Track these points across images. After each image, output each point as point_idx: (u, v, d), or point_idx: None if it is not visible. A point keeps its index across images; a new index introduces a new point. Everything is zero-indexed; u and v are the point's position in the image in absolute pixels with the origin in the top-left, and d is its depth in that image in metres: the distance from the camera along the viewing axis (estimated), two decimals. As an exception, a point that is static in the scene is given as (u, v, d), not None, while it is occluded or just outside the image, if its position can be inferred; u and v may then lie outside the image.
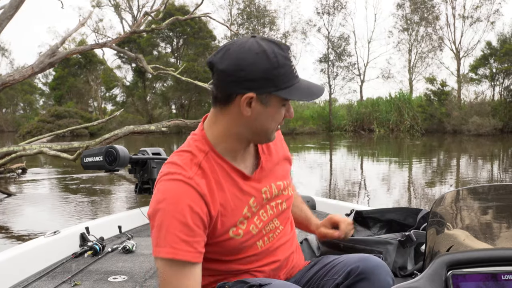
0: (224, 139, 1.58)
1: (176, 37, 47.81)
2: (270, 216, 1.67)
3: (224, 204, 1.54)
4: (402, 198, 9.93)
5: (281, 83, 1.49)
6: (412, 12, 43.32)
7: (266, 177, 1.68)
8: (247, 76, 1.47)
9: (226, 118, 1.55)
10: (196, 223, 1.46)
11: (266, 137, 1.59)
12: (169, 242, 1.44)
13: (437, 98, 37.79)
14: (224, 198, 1.55)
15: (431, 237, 1.65)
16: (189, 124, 11.81)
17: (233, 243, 1.58)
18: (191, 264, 1.46)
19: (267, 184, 1.67)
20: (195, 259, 1.47)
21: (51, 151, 9.48)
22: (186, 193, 1.47)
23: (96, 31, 46.82)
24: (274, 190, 1.68)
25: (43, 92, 57.54)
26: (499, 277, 1.19)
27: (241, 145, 1.60)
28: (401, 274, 2.50)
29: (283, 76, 1.48)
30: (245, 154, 1.65)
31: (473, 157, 19.32)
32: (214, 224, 1.53)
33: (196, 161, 1.55)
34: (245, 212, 1.59)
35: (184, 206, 1.45)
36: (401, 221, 2.84)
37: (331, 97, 43.53)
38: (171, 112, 47.26)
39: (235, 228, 1.57)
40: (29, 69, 10.78)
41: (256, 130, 1.56)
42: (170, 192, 1.47)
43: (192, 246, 1.45)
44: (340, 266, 1.62)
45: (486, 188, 2.10)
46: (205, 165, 1.55)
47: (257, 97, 1.50)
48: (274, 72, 1.47)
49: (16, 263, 3.10)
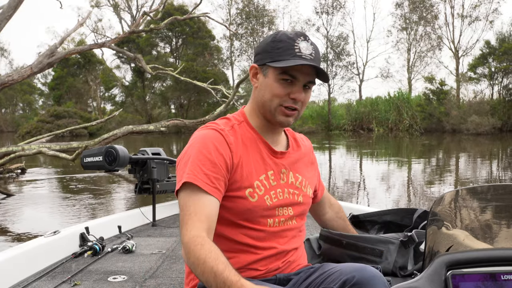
0: (253, 113, 1.78)
1: (175, 37, 47.80)
2: (286, 200, 1.76)
3: (246, 162, 1.69)
4: (401, 197, 9.94)
5: (277, 55, 1.65)
6: (411, 12, 43.35)
7: (289, 164, 1.81)
8: (256, 50, 1.74)
9: (252, 93, 1.78)
10: (219, 161, 1.62)
11: (270, 112, 1.70)
12: (192, 170, 1.59)
13: (436, 97, 37.80)
14: (247, 157, 1.70)
15: (430, 237, 1.65)
16: (188, 124, 11.80)
17: (247, 204, 1.67)
18: (209, 195, 1.57)
19: (288, 169, 1.80)
20: (213, 192, 1.58)
21: (50, 151, 9.48)
22: (214, 136, 1.66)
23: (95, 31, 46.85)
24: (291, 178, 1.80)
25: (42, 92, 57.55)
26: (499, 277, 1.19)
27: (265, 121, 1.75)
28: (401, 274, 2.51)
29: (279, 50, 1.65)
30: (276, 136, 1.81)
31: (472, 156, 19.34)
32: (234, 173, 1.66)
33: (231, 123, 1.75)
34: (262, 178, 1.71)
35: (210, 145, 1.63)
36: (398, 222, 2.85)
37: (330, 97, 43.54)
38: (170, 112, 47.25)
39: (252, 190, 1.68)
40: (28, 69, 10.77)
41: (261, 102, 1.72)
42: (201, 136, 1.67)
43: (211, 180, 1.59)
44: (336, 275, 1.61)
45: (485, 188, 2.10)
46: (238, 128, 1.74)
47: (259, 67, 1.71)
48: (272, 45, 1.67)
49: (16, 263, 3.10)
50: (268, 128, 1.77)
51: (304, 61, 1.62)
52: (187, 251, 1.51)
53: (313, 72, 1.68)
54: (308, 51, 1.65)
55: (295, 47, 1.64)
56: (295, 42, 1.64)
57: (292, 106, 1.68)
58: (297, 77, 1.66)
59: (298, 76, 1.66)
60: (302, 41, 1.65)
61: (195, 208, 1.54)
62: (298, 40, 1.65)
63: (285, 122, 1.71)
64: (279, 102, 1.67)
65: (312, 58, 1.65)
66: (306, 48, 1.65)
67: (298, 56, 1.63)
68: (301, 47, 1.64)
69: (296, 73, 1.65)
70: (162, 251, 3.71)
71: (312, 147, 2.02)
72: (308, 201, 1.87)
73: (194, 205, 1.54)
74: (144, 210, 4.51)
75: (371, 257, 2.47)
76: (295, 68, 1.64)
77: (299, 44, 1.64)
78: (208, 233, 1.53)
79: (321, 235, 2.71)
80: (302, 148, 1.92)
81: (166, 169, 4.57)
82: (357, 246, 2.50)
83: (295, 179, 1.82)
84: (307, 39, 1.67)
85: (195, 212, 1.53)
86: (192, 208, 1.54)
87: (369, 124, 39.91)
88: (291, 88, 1.66)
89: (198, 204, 1.55)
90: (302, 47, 1.64)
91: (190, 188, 1.57)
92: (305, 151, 1.93)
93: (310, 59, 1.64)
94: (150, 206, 4.52)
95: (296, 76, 1.65)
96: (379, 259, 2.52)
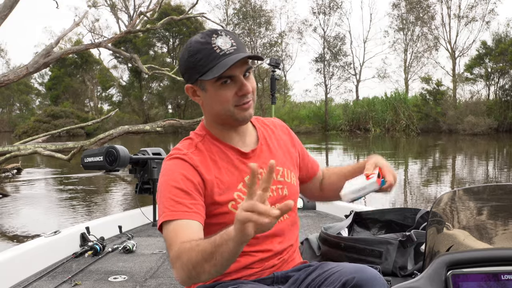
0: (212, 124, 1.73)
1: (172, 37, 47.75)
2: (271, 199, 1.68)
3: (219, 178, 1.66)
4: (400, 197, 9.95)
5: (202, 67, 1.58)
6: (408, 12, 43.34)
7: (264, 160, 1.74)
8: (181, 70, 1.68)
9: (203, 109, 1.74)
10: (189, 188, 1.59)
11: (230, 118, 1.65)
12: (166, 206, 1.57)
13: (432, 98, 37.83)
14: (219, 173, 1.67)
15: (431, 237, 1.66)
16: (184, 124, 11.79)
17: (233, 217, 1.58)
18: (188, 220, 1.55)
19: (264, 166, 1.70)
20: (193, 217, 1.56)
21: (46, 151, 9.46)
22: (180, 165, 1.64)
23: (92, 31, 46.67)
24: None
25: (39, 92, 57.34)
26: (499, 277, 1.20)
27: (227, 127, 1.71)
28: (401, 274, 2.52)
29: (202, 61, 1.58)
30: (243, 136, 1.76)
31: (469, 156, 19.38)
32: (211, 193, 1.64)
33: (193, 143, 1.72)
34: (240, 187, 1.67)
35: (177, 175, 1.61)
36: (400, 221, 2.86)
37: (327, 97, 43.56)
38: (168, 112, 47.19)
39: (234, 202, 1.65)
40: (23, 69, 10.74)
41: (216, 114, 1.68)
42: (167, 168, 1.65)
43: (187, 206, 1.57)
44: (336, 276, 1.59)
45: (485, 188, 2.11)
46: (202, 146, 1.71)
47: (194, 86, 1.66)
48: (192, 60, 1.60)
49: (17, 263, 3.11)
50: (232, 132, 1.73)
51: (231, 58, 1.55)
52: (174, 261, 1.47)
53: (246, 60, 1.59)
54: (227, 44, 1.57)
55: (214, 48, 1.56)
56: (211, 44, 1.56)
57: (245, 101, 1.63)
58: (234, 74, 1.58)
59: (235, 72, 1.58)
60: (217, 38, 1.57)
61: (176, 234, 1.52)
62: (212, 40, 1.57)
63: (248, 116, 1.66)
64: (232, 105, 1.62)
65: (236, 49, 1.58)
66: (224, 43, 1.57)
67: (222, 56, 1.56)
68: (219, 45, 1.57)
69: (231, 71, 1.57)
70: (163, 251, 3.71)
71: (287, 127, 1.95)
72: (295, 190, 1.83)
73: (175, 232, 1.53)
74: (145, 210, 4.52)
75: (371, 258, 2.48)
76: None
77: (217, 43, 1.57)
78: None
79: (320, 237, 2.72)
80: (275, 132, 1.87)
81: (167, 169, 4.57)
82: (356, 248, 2.51)
83: (275, 173, 1.75)
84: (220, 33, 1.59)
85: (176, 236, 1.52)
86: (173, 234, 1.53)
87: (366, 124, 39.90)
88: (234, 87, 1.60)
89: (178, 230, 1.53)
90: (221, 44, 1.57)
91: (169, 223, 1.55)
92: (279, 134, 1.87)
93: (234, 50, 1.57)
94: (151, 206, 4.53)
95: (232, 74, 1.58)
96: (379, 260, 2.54)
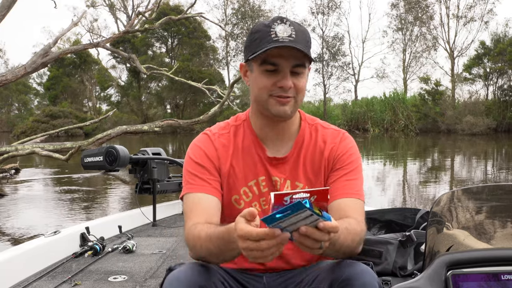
0: (253, 113, 1.72)
1: (170, 37, 47.72)
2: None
3: (235, 166, 1.68)
4: (400, 197, 9.96)
5: (254, 47, 1.57)
6: (407, 12, 43.38)
7: (285, 171, 1.69)
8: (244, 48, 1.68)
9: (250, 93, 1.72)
10: (209, 165, 1.65)
11: (264, 107, 1.62)
12: (187, 179, 1.65)
13: (431, 98, 37.88)
14: (237, 162, 1.68)
15: (431, 237, 1.66)
16: (182, 124, 11.79)
17: (233, 210, 1.65)
18: (204, 194, 1.61)
19: (282, 177, 1.68)
20: (210, 192, 1.62)
21: (43, 152, 9.45)
22: (204, 142, 1.70)
23: (91, 31, 46.57)
24: (287, 187, 1.68)
25: (37, 92, 57.26)
26: (499, 277, 1.21)
27: (265, 120, 1.67)
28: (401, 274, 2.52)
29: (257, 41, 1.56)
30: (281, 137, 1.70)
31: (467, 156, 19.39)
32: (223, 178, 1.67)
33: (228, 126, 1.74)
34: (252, 184, 1.68)
35: (199, 151, 1.68)
36: (400, 221, 2.86)
37: (325, 97, 43.59)
38: (166, 112, 47.17)
39: (238, 197, 1.67)
40: (21, 69, 10.71)
41: (254, 99, 1.66)
42: (194, 141, 1.72)
43: (206, 181, 1.63)
44: (326, 273, 1.55)
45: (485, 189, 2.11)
46: (234, 130, 1.73)
47: (246, 64, 1.66)
48: (250, 38, 1.60)
49: (16, 263, 3.11)
50: (270, 128, 1.68)
51: (277, 44, 1.51)
52: (187, 239, 1.55)
53: (298, 54, 1.53)
54: (285, 33, 1.53)
55: (271, 32, 1.53)
56: (270, 28, 1.54)
57: (282, 95, 1.57)
58: (279, 63, 1.54)
59: (280, 63, 1.54)
60: (279, 24, 1.54)
61: (191, 207, 1.60)
62: (274, 25, 1.54)
63: (282, 112, 1.59)
64: (267, 94, 1.58)
65: (292, 40, 1.52)
66: (283, 31, 1.53)
67: (274, 41, 1.52)
68: (277, 31, 1.53)
69: (277, 60, 1.54)
70: (163, 251, 3.72)
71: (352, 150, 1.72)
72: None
73: (191, 206, 1.61)
74: (145, 210, 4.52)
75: (371, 258, 2.48)
76: (274, 54, 1.53)
77: (275, 29, 1.53)
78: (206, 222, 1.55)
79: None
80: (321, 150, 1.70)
81: (167, 169, 4.58)
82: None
83: (292, 188, 1.66)
84: (285, 22, 1.55)
85: (191, 210, 1.59)
86: (189, 208, 1.61)
87: (364, 124, 39.94)
88: (276, 76, 1.56)
89: (194, 203, 1.61)
90: (279, 30, 1.53)
91: (188, 195, 1.64)
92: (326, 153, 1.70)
93: (290, 41, 1.52)
94: (151, 206, 4.53)
95: (277, 63, 1.54)
96: (379, 260, 2.54)
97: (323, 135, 1.72)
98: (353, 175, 1.66)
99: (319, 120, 1.78)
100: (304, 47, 1.53)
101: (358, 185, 1.66)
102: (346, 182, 1.64)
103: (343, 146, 1.70)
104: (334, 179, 1.66)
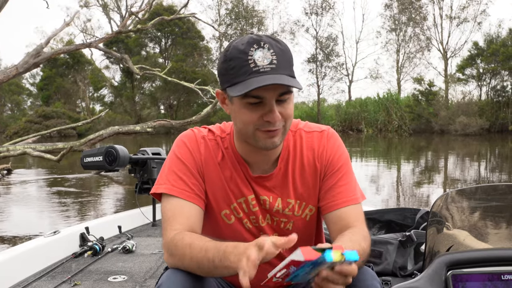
0: (236, 138, 1.57)
1: (164, 37, 47.69)
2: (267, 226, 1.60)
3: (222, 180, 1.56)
4: (393, 197, 9.99)
5: (232, 78, 1.39)
6: (400, 13, 43.57)
7: (275, 188, 1.59)
8: (217, 72, 1.50)
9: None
10: (193, 167, 1.54)
11: (250, 139, 1.47)
12: (168, 178, 1.53)
13: (424, 98, 38.04)
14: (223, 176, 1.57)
15: (431, 237, 1.67)
16: (175, 124, 11.75)
17: (222, 225, 1.59)
18: (189, 204, 1.50)
19: (271, 195, 1.58)
20: (193, 200, 1.51)
21: (35, 152, 9.40)
22: (191, 139, 1.58)
23: (84, 31, 46.52)
24: (278, 205, 1.59)
25: (30, 93, 57.06)
26: (499, 277, 1.22)
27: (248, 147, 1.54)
28: (401, 274, 2.53)
29: (233, 71, 1.38)
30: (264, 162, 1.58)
31: (461, 157, 19.46)
32: (208, 187, 1.56)
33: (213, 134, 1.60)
34: (241, 201, 1.57)
35: (186, 150, 1.56)
36: (400, 221, 2.88)
37: (319, 97, 43.67)
38: (160, 113, 47.11)
39: (228, 212, 1.57)
40: (13, 69, 10.66)
41: (237, 130, 1.52)
42: (181, 137, 1.59)
43: (189, 186, 1.51)
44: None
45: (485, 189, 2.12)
46: (220, 142, 1.59)
47: (223, 92, 1.48)
48: (225, 66, 1.41)
49: (16, 263, 3.10)
50: (255, 153, 1.55)
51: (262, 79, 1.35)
52: (170, 251, 1.42)
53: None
54: (265, 60, 1.36)
55: (249, 61, 1.36)
56: (247, 55, 1.36)
57: (271, 129, 1.42)
58: (264, 96, 1.38)
59: (265, 95, 1.38)
60: (256, 50, 1.36)
61: (174, 212, 1.48)
62: (250, 52, 1.36)
63: (270, 144, 1.46)
64: (254, 128, 1.42)
65: (274, 67, 1.36)
66: (262, 58, 1.36)
67: (254, 72, 1.35)
68: (256, 58, 1.36)
69: (261, 92, 1.37)
70: (162, 251, 3.72)
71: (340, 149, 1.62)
72: (304, 224, 1.63)
73: (174, 210, 1.48)
74: (144, 210, 4.52)
75: (371, 259, 2.50)
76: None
77: (253, 56, 1.36)
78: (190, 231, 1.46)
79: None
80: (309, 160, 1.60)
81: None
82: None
83: (284, 205, 1.58)
84: (262, 45, 1.37)
85: (174, 216, 1.47)
86: (171, 212, 1.48)
87: (358, 125, 40.06)
88: (261, 109, 1.40)
89: (177, 208, 1.49)
90: (257, 58, 1.36)
91: (168, 198, 1.51)
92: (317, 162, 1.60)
93: (272, 69, 1.36)
94: (150, 206, 4.53)
95: (261, 96, 1.38)
96: (379, 260, 2.55)
97: (308, 141, 1.61)
98: (346, 178, 1.58)
99: (301, 123, 1.67)
100: (289, 72, 1.40)
101: (352, 188, 1.58)
102: (340, 189, 1.56)
103: (331, 148, 1.61)
104: (328, 188, 1.58)
